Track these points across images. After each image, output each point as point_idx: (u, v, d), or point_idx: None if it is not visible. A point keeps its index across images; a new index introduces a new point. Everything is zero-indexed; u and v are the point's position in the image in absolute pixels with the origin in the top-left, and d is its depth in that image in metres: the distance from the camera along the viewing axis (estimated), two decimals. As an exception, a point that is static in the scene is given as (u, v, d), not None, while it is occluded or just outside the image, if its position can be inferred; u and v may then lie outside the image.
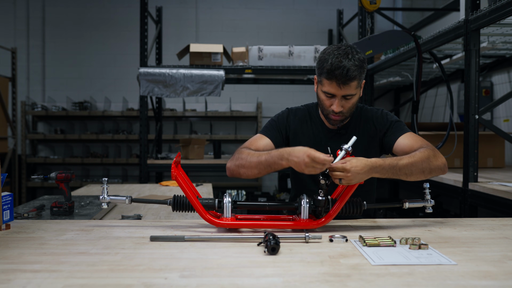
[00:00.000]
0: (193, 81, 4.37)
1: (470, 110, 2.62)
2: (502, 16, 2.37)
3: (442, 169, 1.58)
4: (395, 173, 1.49)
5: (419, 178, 1.54)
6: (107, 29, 6.67)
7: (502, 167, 3.44)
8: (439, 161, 1.57)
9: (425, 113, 5.45)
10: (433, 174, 1.56)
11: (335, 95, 1.62)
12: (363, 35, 4.66)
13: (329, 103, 1.65)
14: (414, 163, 1.51)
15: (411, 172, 1.51)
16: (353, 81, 1.59)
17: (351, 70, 1.56)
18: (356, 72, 1.58)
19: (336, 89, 1.60)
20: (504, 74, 4.01)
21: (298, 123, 1.80)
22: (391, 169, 1.48)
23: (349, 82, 1.58)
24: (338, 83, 1.58)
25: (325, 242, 1.29)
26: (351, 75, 1.56)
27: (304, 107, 1.86)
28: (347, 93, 1.61)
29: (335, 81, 1.58)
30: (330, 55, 1.59)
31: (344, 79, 1.56)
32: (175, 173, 1.41)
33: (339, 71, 1.56)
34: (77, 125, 6.72)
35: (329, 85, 1.60)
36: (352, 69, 1.56)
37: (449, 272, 1.02)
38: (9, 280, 0.96)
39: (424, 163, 1.53)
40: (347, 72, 1.55)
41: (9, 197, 1.46)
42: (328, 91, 1.62)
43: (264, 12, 6.77)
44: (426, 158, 1.54)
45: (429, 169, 1.54)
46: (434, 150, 1.60)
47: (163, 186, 3.33)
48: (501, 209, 2.34)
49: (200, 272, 1.02)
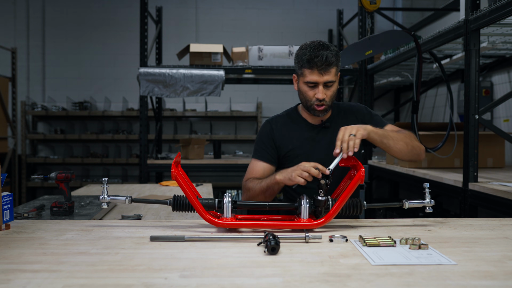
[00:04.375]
0: (193, 81, 4.37)
1: (470, 110, 2.62)
2: (502, 16, 2.37)
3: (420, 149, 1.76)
4: (385, 136, 1.65)
5: (403, 151, 1.70)
6: (107, 29, 6.67)
7: (502, 167, 3.44)
8: (418, 143, 1.77)
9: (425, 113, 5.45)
10: (414, 151, 1.74)
11: (317, 84, 1.72)
12: (363, 35, 4.66)
13: (313, 93, 1.75)
14: (400, 136, 1.71)
15: (398, 140, 1.68)
16: (333, 67, 1.72)
17: (329, 57, 1.69)
18: (334, 59, 1.71)
19: (318, 76, 1.71)
20: (504, 74, 4.01)
21: (281, 129, 1.87)
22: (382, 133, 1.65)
23: (329, 68, 1.70)
24: (319, 70, 1.70)
25: (325, 242, 1.29)
26: (330, 61, 1.69)
27: (283, 113, 1.95)
28: (328, 80, 1.72)
29: (316, 68, 1.70)
30: (307, 48, 1.73)
31: (324, 65, 1.69)
32: (175, 173, 1.41)
33: (319, 58, 1.69)
34: (77, 125, 6.72)
35: (310, 73, 1.71)
36: (330, 55, 1.70)
37: (449, 272, 1.02)
38: (9, 280, 0.96)
39: (407, 139, 1.72)
40: (326, 58, 1.69)
41: (9, 197, 1.46)
42: (310, 80, 1.72)
43: (264, 12, 6.77)
44: (409, 136, 1.75)
45: (411, 145, 1.72)
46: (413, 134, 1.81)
47: (163, 186, 3.33)
48: (501, 209, 2.34)
49: (200, 272, 1.02)
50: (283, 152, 1.85)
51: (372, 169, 4.30)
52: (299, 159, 1.76)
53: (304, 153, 1.82)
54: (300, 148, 1.83)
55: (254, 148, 1.91)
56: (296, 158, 1.82)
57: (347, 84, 6.13)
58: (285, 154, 1.85)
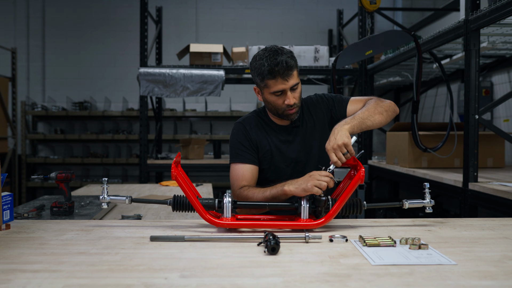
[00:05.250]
0: (193, 81, 4.37)
1: (470, 110, 2.62)
2: (502, 16, 2.37)
3: (391, 107, 1.76)
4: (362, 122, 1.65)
5: (382, 121, 1.71)
6: (107, 29, 6.67)
7: (502, 167, 3.44)
8: (386, 102, 1.76)
9: (425, 113, 5.45)
10: (389, 114, 1.74)
11: (284, 91, 1.70)
12: (363, 35, 4.66)
13: (281, 100, 1.72)
14: (370, 110, 1.70)
15: (372, 116, 1.68)
16: (294, 70, 1.69)
17: (288, 61, 1.66)
18: (293, 61, 1.69)
19: (283, 83, 1.68)
20: (504, 74, 4.01)
21: (255, 130, 1.83)
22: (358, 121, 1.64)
23: (291, 72, 1.68)
24: (283, 77, 1.67)
25: (325, 242, 1.29)
26: (290, 65, 1.67)
27: (252, 114, 1.89)
28: (293, 84, 1.69)
29: (279, 76, 1.66)
30: (263, 59, 1.68)
31: (286, 71, 1.66)
32: (175, 173, 1.41)
33: (279, 66, 1.65)
34: (77, 125, 6.72)
35: (275, 83, 1.68)
36: (288, 59, 1.67)
37: (449, 272, 1.02)
38: (9, 280, 0.96)
39: (377, 108, 1.72)
40: (286, 63, 1.65)
41: (9, 197, 1.46)
42: (277, 89, 1.69)
43: (264, 12, 6.77)
44: (376, 103, 1.74)
45: (384, 111, 1.72)
46: (378, 98, 1.81)
47: (163, 186, 3.33)
48: (501, 209, 2.34)
49: (200, 272, 1.02)
50: (260, 153, 1.81)
51: (372, 169, 4.30)
52: (275, 160, 1.80)
53: (280, 154, 1.80)
54: (275, 150, 1.80)
55: (232, 153, 1.81)
56: (272, 159, 1.80)
57: (347, 84, 6.13)
58: (262, 155, 1.81)
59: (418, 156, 3.45)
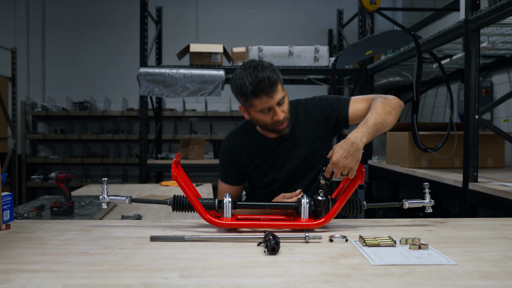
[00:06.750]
0: (193, 81, 4.37)
1: (470, 110, 2.62)
2: (502, 16, 2.37)
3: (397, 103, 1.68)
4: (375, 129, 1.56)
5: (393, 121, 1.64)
6: (107, 29, 6.67)
7: (502, 167, 3.44)
8: (391, 100, 1.68)
9: (425, 113, 5.45)
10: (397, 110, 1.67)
11: (271, 107, 1.63)
12: (363, 35, 4.66)
13: (269, 117, 1.65)
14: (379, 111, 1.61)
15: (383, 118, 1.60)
16: (278, 85, 1.62)
17: (270, 77, 1.58)
18: (275, 76, 1.61)
19: (268, 100, 1.61)
20: (504, 74, 4.01)
21: (240, 149, 1.80)
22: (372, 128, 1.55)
23: (275, 89, 1.60)
24: (267, 95, 1.59)
25: (325, 242, 1.29)
26: (273, 80, 1.59)
27: (238, 130, 1.85)
28: (279, 99, 1.63)
29: (263, 94, 1.59)
30: (244, 78, 1.60)
31: (269, 87, 1.59)
32: (175, 173, 1.41)
33: (262, 84, 1.57)
34: (77, 125, 6.72)
35: (260, 102, 1.61)
36: (270, 75, 1.59)
37: (449, 272, 1.02)
38: (9, 280, 0.96)
39: (385, 107, 1.64)
40: (268, 80, 1.58)
41: (9, 197, 1.45)
42: (263, 107, 1.63)
43: (264, 12, 6.77)
44: (383, 103, 1.65)
45: (391, 109, 1.64)
46: (380, 96, 1.72)
47: (163, 186, 3.33)
48: (501, 209, 2.34)
49: (200, 272, 1.02)
50: (248, 170, 1.81)
51: (372, 169, 4.30)
52: (265, 174, 1.79)
53: (269, 168, 1.78)
54: (264, 164, 1.78)
55: (219, 167, 1.85)
56: (262, 173, 1.79)
57: (347, 84, 6.13)
58: (251, 171, 1.81)
59: (418, 156, 3.45)
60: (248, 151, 1.80)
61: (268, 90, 1.59)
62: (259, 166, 1.79)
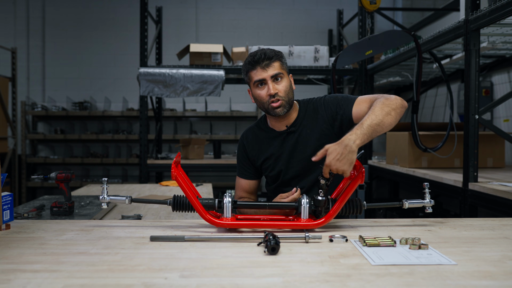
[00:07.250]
0: (193, 81, 4.37)
1: (470, 110, 2.62)
2: (502, 16, 2.37)
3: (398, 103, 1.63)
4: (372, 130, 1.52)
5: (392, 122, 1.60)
6: (107, 29, 6.67)
7: (502, 167, 3.44)
8: (393, 100, 1.64)
9: (425, 113, 5.45)
10: (398, 111, 1.62)
11: (265, 80, 1.72)
12: (363, 35, 4.66)
13: (264, 92, 1.74)
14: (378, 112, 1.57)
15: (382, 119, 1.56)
16: (275, 61, 1.73)
17: (268, 52, 1.73)
18: (273, 54, 1.73)
19: (262, 72, 1.71)
20: (504, 74, 4.01)
21: (252, 143, 1.89)
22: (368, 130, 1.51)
23: (271, 63, 1.72)
24: (262, 67, 1.71)
25: (325, 242, 1.29)
26: (270, 55, 1.72)
27: (254, 125, 1.95)
28: (273, 73, 1.71)
29: (258, 66, 1.72)
30: (248, 57, 1.76)
31: (265, 60, 1.71)
32: (175, 173, 1.41)
33: (258, 56, 1.72)
34: (77, 125, 6.72)
35: (255, 73, 1.73)
36: (268, 51, 1.73)
37: (449, 272, 1.02)
38: (9, 280, 0.96)
39: (385, 108, 1.59)
40: (265, 54, 1.71)
41: (9, 197, 1.46)
42: (257, 78, 1.73)
43: (264, 12, 6.77)
44: (383, 103, 1.61)
45: (391, 109, 1.60)
46: (383, 96, 1.68)
47: (163, 186, 3.33)
48: (501, 209, 2.34)
49: (200, 272, 1.02)
50: (258, 164, 1.88)
51: (372, 169, 4.30)
52: (272, 168, 1.84)
53: (276, 162, 1.83)
54: (271, 158, 1.84)
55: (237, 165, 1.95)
56: (270, 167, 1.85)
57: (347, 84, 6.13)
58: (260, 166, 1.88)
59: (418, 156, 3.46)
60: (258, 144, 1.87)
61: (264, 63, 1.71)
62: (267, 159, 1.85)
